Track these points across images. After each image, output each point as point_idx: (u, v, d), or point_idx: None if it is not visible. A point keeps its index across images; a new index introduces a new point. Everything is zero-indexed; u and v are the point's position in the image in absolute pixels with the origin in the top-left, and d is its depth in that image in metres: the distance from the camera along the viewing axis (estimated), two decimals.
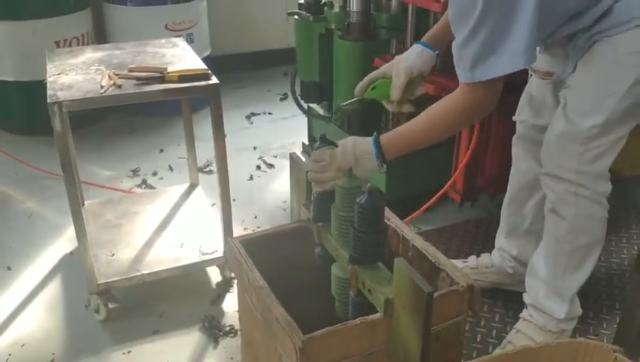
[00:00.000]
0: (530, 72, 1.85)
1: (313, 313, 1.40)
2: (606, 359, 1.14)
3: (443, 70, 2.18)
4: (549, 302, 1.75)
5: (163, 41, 2.39)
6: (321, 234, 1.51)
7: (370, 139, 1.46)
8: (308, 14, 2.71)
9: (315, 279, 1.56)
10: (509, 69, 1.39)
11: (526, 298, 1.81)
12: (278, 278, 1.43)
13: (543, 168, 1.70)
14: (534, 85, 1.82)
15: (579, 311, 1.79)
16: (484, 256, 2.11)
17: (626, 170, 2.79)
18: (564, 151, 1.63)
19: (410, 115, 1.63)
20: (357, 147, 1.45)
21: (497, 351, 1.76)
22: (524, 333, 1.77)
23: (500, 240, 2.05)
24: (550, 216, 1.72)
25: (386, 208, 1.57)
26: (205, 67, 2.04)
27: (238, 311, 1.62)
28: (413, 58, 1.62)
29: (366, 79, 1.64)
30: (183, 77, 1.95)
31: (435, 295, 1.26)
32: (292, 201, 1.71)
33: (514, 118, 1.92)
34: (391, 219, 1.61)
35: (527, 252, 1.91)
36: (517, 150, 1.95)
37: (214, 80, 1.96)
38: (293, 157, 1.67)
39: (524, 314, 1.82)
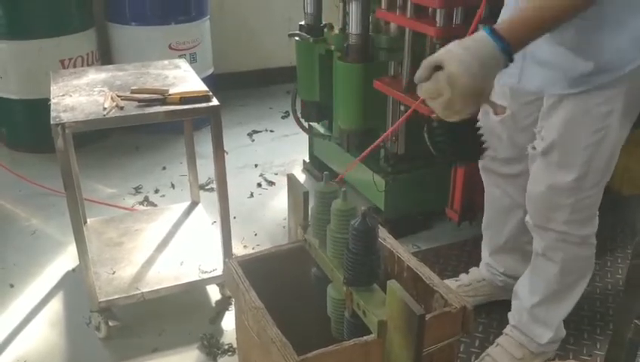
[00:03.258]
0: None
1: (310, 332, 1.42)
2: None
3: None
4: (532, 327, 1.77)
5: (165, 62, 2.43)
6: (317, 255, 1.54)
7: (482, 35, 1.14)
8: (308, 36, 2.75)
9: (311, 299, 1.58)
10: None
11: (511, 319, 1.84)
12: (275, 298, 1.45)
13: (530, 219, 1.69)
14: (492, 119, 1.76)
15: (562, 334, 1.81)
16: (474, 271, 2.14)
17: (625, 190, 2.81)
18: (552, 204, 1.61)
19: None
20: (473, 52, 1.11)
21: None
22: (504, 348, 1.80)
23: (486, 255, 2.08)
24: (539, 258, 1.73)
25: (382, 228, 1.60)
26: (206, 89, 2.08)
27: (236, 331, 1.64)
28: None
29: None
30: (184, 99, 1.99)
31: (428, 317, 1.29)
32: (289, 222, 1.73)
33: None
34: (387, 239, 1.63)
35: (513, 267, 1.95)
36: (486, 178, 1.97)
37: (215, 102, 2.00)
38: (290, 178, 1.70)
39: (507, 329, 1.85)
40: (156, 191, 3.12)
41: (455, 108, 1.10)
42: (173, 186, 3.17)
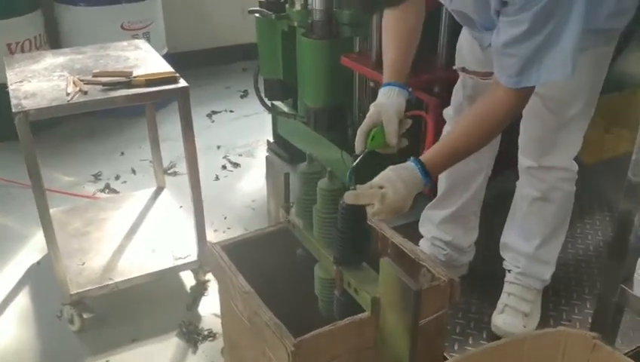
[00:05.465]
0: (460, 73, 1.88)
1: (296, 311, 1.41)
2: (586, 346, 1.19)
3: None
4: (535, 268, 1.85)
5: (125, 43, 2.35)
6: (302, 235, 1.53)
7: (414, 169, 1.40)
8: (270, 12, 2.70)
9: (296, 279, 1.57)
10: (559, 75, 1.36)
11: (509, 265, 1.90)
12: (259, 280, 1.43)
13: (534, 162, 1.74)
14: (470, 86, 1.83)
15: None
16: None
17: (588, 159, 2.89)
18: (558, 142, 1.69)
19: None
20: (406, 183, 1.38)
21: (489, 345, 1.79)
22: (516, 295, 1.86)
23: (430, 229, 2.11)
24: (536, 203, 1.79)
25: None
26: (172, 70, 2.02)
27: (221, 316, 1.62)
28: (395, 101, 1.61)
29: (361, 133, 1.60)
30: (150, 81, 1.93)
31: None
32: (269, 204, 1.71)
33: (445, 116, 1.95)
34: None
35: (458, 237, 2.02)
36: None
37: (182, 83, 1.95)
38: (269, 160, 1.68)
39: (509, 278, 1.89)
40: (117, 178, 3.03)
41: (381, 216, 1.39)
42: (134, 172, 3.08)
